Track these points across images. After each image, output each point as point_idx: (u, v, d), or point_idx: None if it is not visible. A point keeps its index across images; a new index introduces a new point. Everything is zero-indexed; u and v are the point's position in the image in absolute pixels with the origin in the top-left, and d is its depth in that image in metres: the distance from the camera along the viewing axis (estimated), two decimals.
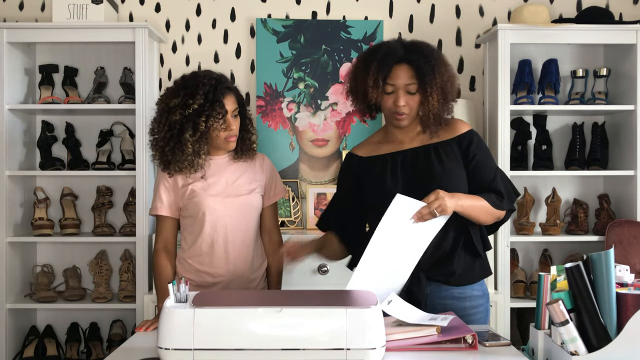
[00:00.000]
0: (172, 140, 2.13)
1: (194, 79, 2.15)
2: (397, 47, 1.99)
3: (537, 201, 3.49)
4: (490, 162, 2.04)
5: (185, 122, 2.10)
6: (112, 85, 3.46)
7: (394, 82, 1.95)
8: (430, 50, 2.00)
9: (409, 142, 2.05)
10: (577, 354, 1.49)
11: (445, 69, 1.98)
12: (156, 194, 2.25)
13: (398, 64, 1.95)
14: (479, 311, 2.02)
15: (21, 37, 3.22)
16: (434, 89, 1.94)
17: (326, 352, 1.49)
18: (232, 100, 2.18)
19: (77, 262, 3.45)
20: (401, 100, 1.95)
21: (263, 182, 2.30)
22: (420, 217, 1.84)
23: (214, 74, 2.19)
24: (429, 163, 1.99)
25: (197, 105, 2.09)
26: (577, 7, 3.52)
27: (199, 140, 2.12)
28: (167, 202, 2.23)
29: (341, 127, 3.50)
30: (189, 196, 2.20)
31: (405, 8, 3.53)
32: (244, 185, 2.25)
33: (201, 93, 2.10)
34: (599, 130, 3.40)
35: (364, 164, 2.09)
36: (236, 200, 2.22)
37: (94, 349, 3.36)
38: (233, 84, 2.24)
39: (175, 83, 2.20)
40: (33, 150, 3.45)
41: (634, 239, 3.12)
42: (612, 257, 1.54)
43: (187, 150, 2.12)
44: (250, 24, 3.52)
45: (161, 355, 1.52)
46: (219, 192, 2.21)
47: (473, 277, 2.03)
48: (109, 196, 3.43)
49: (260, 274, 2.31)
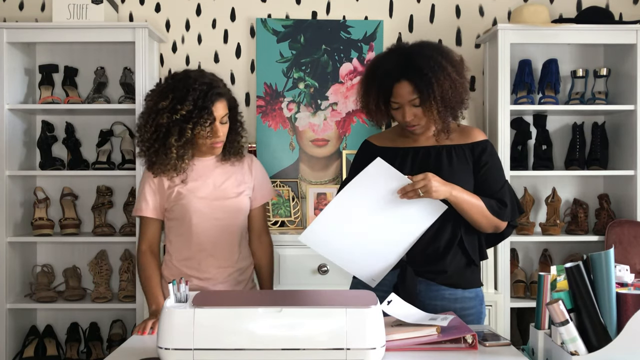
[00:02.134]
0: (157, 142, 2.10)
1: (185, 82, 2.09)
2: (393, 65, 1.97)
3: (537, 201, 3.49)
4: (500, 174, 2.06)
5: (172, 127, 2.06)
6: (112, 85, 3.46)
7: (397, 100, 1.99)
8: (426, 58, 1.96)
9: (424, 140, 2.09)
10: (577, 354, 1.49)
11: (446, 74, 1.95)
12: (141, 194, 2.21)
13: (397, 83, 1.97)
14: (471, 313, 2.01)
15: (21, 37, 3.22)
16: (432, 103, 1.95)
17: (326, 352, 1.49)
18: (223, 105, 2.13)
19: (77, 262, 3.45)
20: (408, 115, 1.99)
21: (251, 184, 2.27)
22: (404, 193, 1.87)
23: (205, 78, 2.12)
24: (439, 163, 2.02)
25: (185, 111, 2.05)
26: (577, 7, 3.52)
27: (184, 146, 2.09)
28: (152, 204, 2.19)
29: (341, 127, 3.50)
30: (175, 198, 2.17)
31: (405, 8, 3.53)
32: (231, 187, 2.22)
33: (190, 99, 2.05)
34: (599, 130, 3.40)
35: (378, 152, 2.11)
36: (224, 203, 2.19)
37: (94, 349, 3.36)
38: (225, 87, 2.18)
39: (166, 82, 2.14)
40: (33, 150, 3.45)
41: (634, 239, 3.12)
42: (612, 257, 1.54)
43: (171, 155, 2.09)
44: (250, 24, 3.52)
45: (161, 355, 1.52)
46: (206, 194, 2.18)
47: (462, 282, 2.03)
48: (109, 196, 3.43)
49: (247, 276, 2.30)
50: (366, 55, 3.47)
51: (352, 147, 3.44)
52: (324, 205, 3.33)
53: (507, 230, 2.07)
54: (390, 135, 2.18)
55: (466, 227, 2.00)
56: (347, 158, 3.44)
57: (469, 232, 2.02)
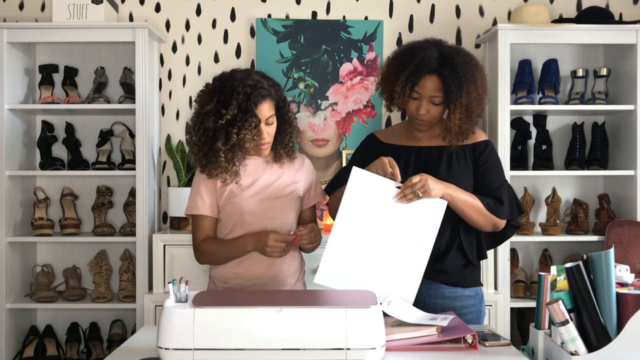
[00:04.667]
0: (205, 145, 2.09)
1: (230, 84, 2.06)
2: (431, 57, 2.00)
3: (537, 201, 3.49)
4: (499, 173, 2.08)
5: (218, 131, 2.06)
6: (112, 85, 3.46)
7: (420, 90, 2.01)
8: (465, 63, 2.00)
9: (427, 140, 2.11)
10: (577, 354, 1.49)
11: (475, 87, 2.00)
12: (197, 194, 2.18)
13: (429, 75, 1.99)
14: (470, 312, 2.03)
15: (21, 37, 3.22)
16: (457, 107, 1.98)
17: (326, 352, 1.50)
18: (268, 106, 2.09)
19: (77, 262, 3.45)
20: (423, 109, 2.01)
21: (302, 183, 2.24)
22: (402, 196, 1.88)
23: (249, 80, 2.07)
24: (438, 165, 2.04)
25: (230, 116, 2.03)
26: (577, 7, 3.52)
27: (231, 149, 2.08)
28: (208, 202, 2.17)
29: (341, 127, 3.50)
30: (227, 197, 2.15)
31: (405, 8, 3.53)
32: (283, 186, 2.19)
33: (235, 103, 2.03)
34: (599, 130, 3.40)
35: (382, 148, 2.14)
36: (275, 202, 2.17)
37: (94, 349, 3.36)
38: (272, 87, 2.14)
39: (213, 84, 2.13)
40: (33, 150, 3.45)
41: (634, 239, 3.12)
42: (612, 257, 1.54)
43: (220, 158, 2.08)
44: (250, 24, 3.52)
45: (161, 355, 1.52)
46: (258, 193, 2.16)
47: (462, 281, 2.05)
48: (109, 196, 3.43)
49: (296, 277, 2.26)
50: (366, 56, 3.47)
51: (352, 147, 3.44)
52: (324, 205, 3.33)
53: (509, 231, 2.08)
54: (395, 132, 2.19)
55: (465, 228, 2.02)
56: (347, 158, 3.44)
57: (467, 233, 2.03)
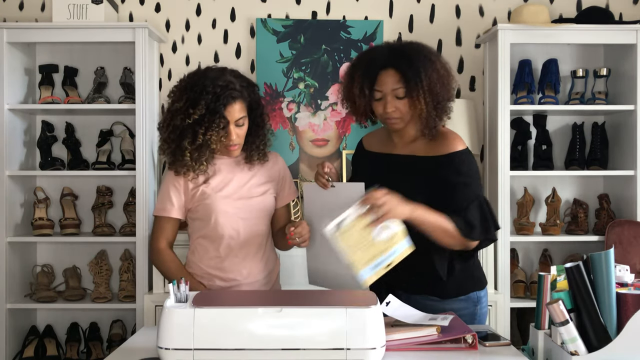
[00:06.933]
0: (173, 143, 2.08)
1: (200, 83, 2.04)
2: (382, 53, 1.97)
3: (537, 201, 3.49)
4: (466, 190, 1.93)
5: (185, 130, 2.04)
6: (112, 85, 3.46)
7: (380, 88, 1.95)
8: (416, 51, 1.95)
9: (401, 147, 2.05)
10: (577, 354, 1.49)
11: (434, 68, 1.92)
12: (165, 194, 2.16)
13: (384, 70, 1.94)
14: (462, 314, 1.95)
15: (21, 37, 3.22)
16: (420, 93, 1.91)
17: (326, 352, 1.49)
18: (238, 108, 2.07)
19: (77, 262, 3.45)
20: (389, 106, 1.95)
21: (276, 183, 2.24)
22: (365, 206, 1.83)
23: (220, 80, 2.05)
24: (406, 176, 1.98)
25: (198, 116, 2.01)
26: (577, 7, 3.52)
27: (198, 149, 2.05)
28: (177, 204, 2.15)
29: (341, 127, 3.50)
30: (199, 198, 2.13)
31: (405, 8, 3.53)
32: (256, 186, 2.18)
33: (203, 103, 2.01)
34: (599, 130, 3.40)
35: (364, 156, 2.15)
36: (248, 202, 2.16)
37: (94, 349, 3.36)
38: (245, 88, 2.11)
39: (183, 82, 2.11)
40: (33, 150, 3.45)
41: (634, 239, 3.12)
42: (612, 257, 1.54)
43: (186, 157, 2.06)
44: (250, 24, 3.52)
45: (161, 355, 1.52)
46: (231, 194, 2.14)
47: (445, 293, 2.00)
48: (109, 196, 3.43)
49: (273, 277, 2.27)
50: None
51: (352, 147, 3.43)
52: None
53: (484, 244, 2.00)
54: (377, 136, 2.16)
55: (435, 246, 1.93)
56: (347, 158, 3.44)
57: (438, 250, 1.94)
